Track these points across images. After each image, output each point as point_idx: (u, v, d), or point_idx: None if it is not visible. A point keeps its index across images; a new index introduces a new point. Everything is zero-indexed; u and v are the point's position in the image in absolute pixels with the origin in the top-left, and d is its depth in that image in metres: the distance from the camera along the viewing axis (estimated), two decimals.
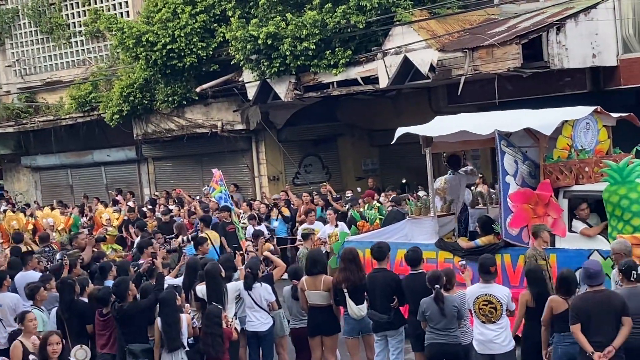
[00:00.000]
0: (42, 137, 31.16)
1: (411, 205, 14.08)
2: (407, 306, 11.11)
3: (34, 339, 9.50)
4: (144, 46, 24.39)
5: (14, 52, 32.04)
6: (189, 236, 16.25)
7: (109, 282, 11.82)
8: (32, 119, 30.94)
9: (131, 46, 24.67)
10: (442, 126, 13.14)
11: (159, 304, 10.54)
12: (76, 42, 30.28)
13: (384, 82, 20.95)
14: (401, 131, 13.31)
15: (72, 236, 16.84)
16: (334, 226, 16.50)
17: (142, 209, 22.05)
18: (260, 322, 11.52)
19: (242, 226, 17.85)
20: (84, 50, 30.14)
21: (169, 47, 24.01)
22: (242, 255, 12.87)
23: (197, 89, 24.93)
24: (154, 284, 11.16)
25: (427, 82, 20.74)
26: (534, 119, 12.35)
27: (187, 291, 11.54)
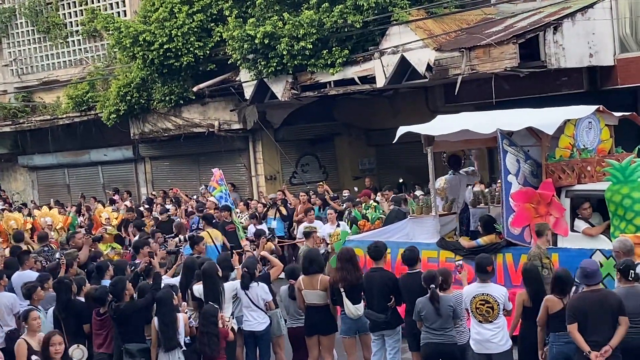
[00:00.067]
0: (39, 137, 31.13)
1: (412, 204, 14.00)
2: (404, 305, 11.10)
3: (40, 335, 9.46)
4: (141, 45, 24.39)
5: (10, 52, 32.03)
6: (185, 236, 16.23)
7: (106, 282, 11.80)
8: (29, 118, 30.92)
9: (128, 46, 24.67)
10: (443, 125, 13.04)
11: (156, 303, 10.53)
12: (73, 41, 30.28)
13: (381, 82, 20.96)
14: (403, 130, 13.17)
15: (70, 235, 16.82)
16: (335, 225, 16.47)
17: (139, 209, 22.02)
18: (257, 321, 11.51)
19: (242, 226, 17.84)
20: (81, 49, 30.15)
21: (166, 46, 24.03)
22: (239, 254, 12.86)
23: (194, 89, 24.94)
24: (151, 284, 11.14)
25: (424, 82, 20.76)
26: (536, 118, 12.31)
27: (184, 290, 11.54)
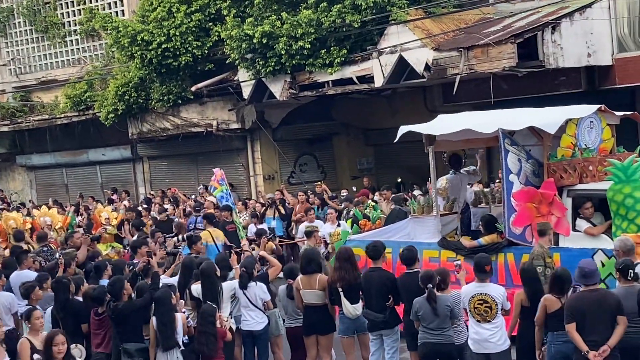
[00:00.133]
0: (37, 136, 31.12)
1: (413, 204, 13.97)
2: (403, 305, 11.10)
3: (43, 335, 9.44)
4: (139, 45, 24.38)
5: (8, 51, 32.01)
6: (184, 235, 16.22)
7: (104, 281, 11.80)
8: (27, 118, 30.90)
9: (126, 45, 24.67)
10: (444, 125, 13.01)
11: (154, 303, 10.53)
12: (71, 41, 30.28)
13: (379, 81, 20.95)
14: (404, 130, 13.12)
15: (68, 235, 16.81)
16: (336, 225, 16.44)
17: (138, 208, 22.01)
18: (255, 321, 11.51)
19: (242, 226, 17.84)
20: (79, 49, 30.13)
21: (164, 46, 24.02)
22: (238, 254, 12.86)
23: (193, 88, 24.93)
24: (149, 283, 11.14)
25: (422, 82, 20.76)
26: (538, 117, 12.29)
27: (183, 290, 11.53)
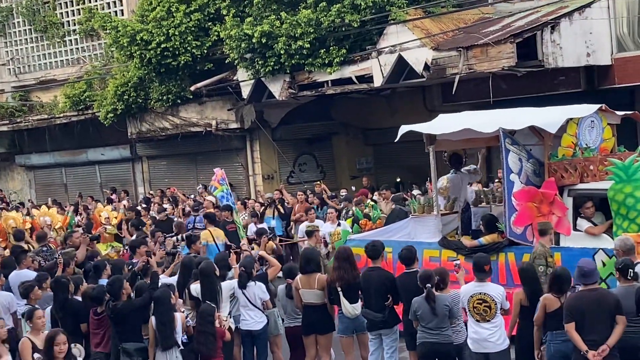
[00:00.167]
0: (36, 136, 31.11)
1: (414, 203, 13.95)
2: (402, 305, 11.10)
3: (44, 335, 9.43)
4: (138, 45, 24.38)
5: (8, 51, 32.00)
6: (183, 235, 16.22)
7: (103, 281, 11.80)
8: (26, 117, 30.88)
9: (125, 45, 24.66)
10: (445, 124, 12.99)
11: (153, 302, 10.53)
12: (70, 40, 30.26)
13: (378, 81, 20.95)
14: (404, 129, 13.10)
15: (67, 235, 16.80)
16: (336, 225, 16.43)
17: (137, 208, 22.01)
18: (254, 320, 11.51)
19: (241, 225, 17.83)
20: (78, 48, 30.12)
21: (163, 45, 24.01)
22: (237, 253, 12.86)
23: (192, 88, 24.92)
24: (148, 283, 11.13)
25: (421, 81, 20.75)
26: (539, 116, 12.28)
27: (182, 290, 11.53)
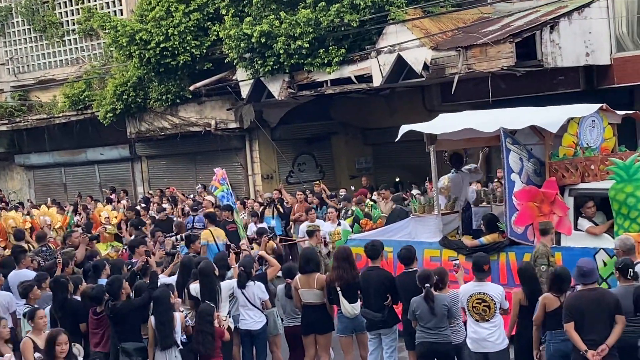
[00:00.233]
0: (35, 136, 31.10)
1: (415, 203, 13.97)
2: (401, 304, 11.10)
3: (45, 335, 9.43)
4: (137, 44, 24.37)
5: (7, 51, 31.98)
6: (182, 235, 16.22)
7: (103, 281, 11.80)
8: (25, 117, 30.87)
9: (125, 44, 24.65)
10: (445, 124, 12.99)
11: (152, 302, 10.53)
12: (69, 40, 30.25)
13: (377, 81, 20.95)
14: (405, 129, 13.09)
15: (67, 234, 16.80)
16: (336, 224, 16.43)
17: (136, 208, 22.00)
18: (253, 320, 11.52)
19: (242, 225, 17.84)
20: (77, 48, 30.11)
21: (162, 45, 24.00)
22: (236, 253, 12.86)
23: (191, 88, 24.91)
24: (147, 283, 11.14)
25: (420, 81, 20.75)
26: (540, 116, 12.28)
27: (181, 289, 11.53)
